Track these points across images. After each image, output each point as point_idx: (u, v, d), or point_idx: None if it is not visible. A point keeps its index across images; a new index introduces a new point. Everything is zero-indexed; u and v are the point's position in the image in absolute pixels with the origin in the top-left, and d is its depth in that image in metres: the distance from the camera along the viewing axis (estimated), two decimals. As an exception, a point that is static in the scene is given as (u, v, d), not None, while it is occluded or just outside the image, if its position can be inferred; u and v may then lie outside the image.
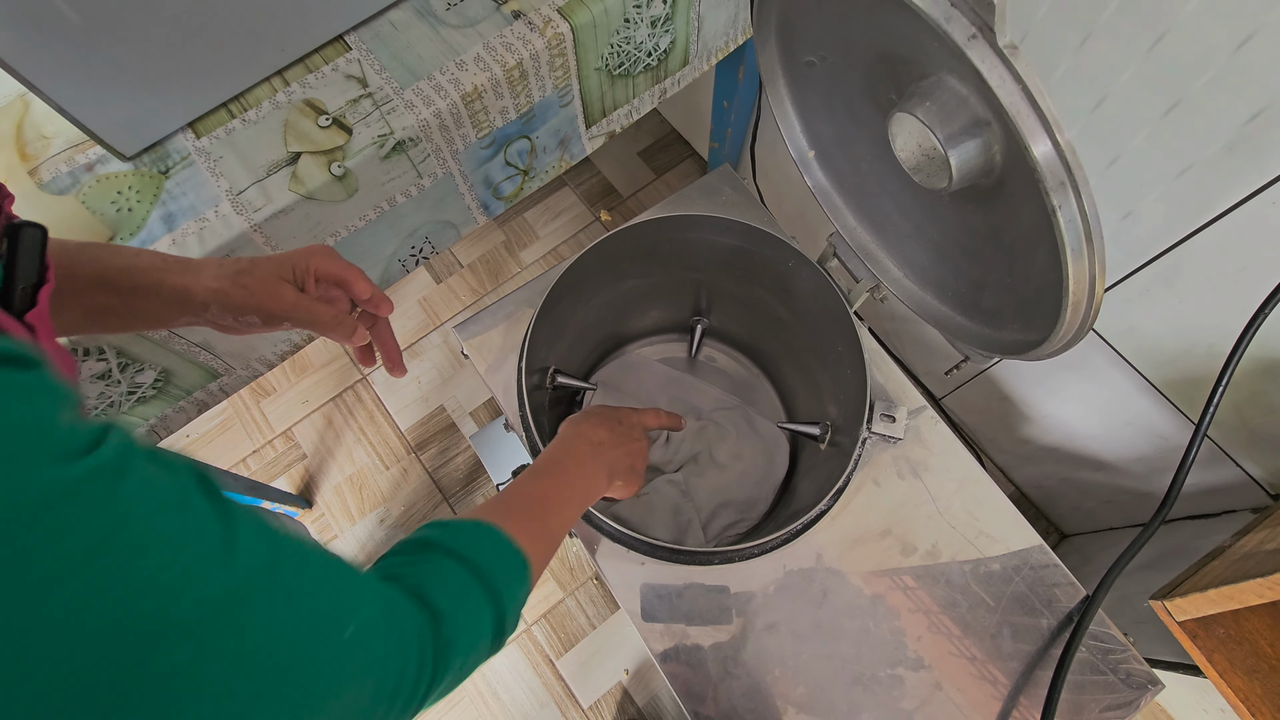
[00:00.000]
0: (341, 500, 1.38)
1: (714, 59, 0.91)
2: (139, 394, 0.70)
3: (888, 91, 0.54)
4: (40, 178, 0.65)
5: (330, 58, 0.69)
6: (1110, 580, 0.62)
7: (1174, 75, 0.65)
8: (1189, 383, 0.86)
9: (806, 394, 0.90)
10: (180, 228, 0.63)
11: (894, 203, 0.62)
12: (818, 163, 0.66)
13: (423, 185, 0.73)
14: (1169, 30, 0.63)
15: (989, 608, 0.64)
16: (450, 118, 0.68)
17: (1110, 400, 0.97)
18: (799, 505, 0.80)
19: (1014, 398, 1.15)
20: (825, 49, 0.56)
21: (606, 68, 0.77)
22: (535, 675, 1.26)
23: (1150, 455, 0.98)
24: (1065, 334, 0.42)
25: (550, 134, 0.80)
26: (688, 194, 0.82)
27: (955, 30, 0.34)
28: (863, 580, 0.65)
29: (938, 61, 0.46)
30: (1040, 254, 0.47)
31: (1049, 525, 1.32)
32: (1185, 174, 0.70)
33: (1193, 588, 0.69)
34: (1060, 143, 0.33)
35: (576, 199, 1.60)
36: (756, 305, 0.87)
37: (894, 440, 0.69)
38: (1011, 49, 0.33)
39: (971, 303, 0.58)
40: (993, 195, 0.51)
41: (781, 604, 0.64)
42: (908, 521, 0.67)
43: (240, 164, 0.65)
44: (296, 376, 1.47)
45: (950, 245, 0.58)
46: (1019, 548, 0.66)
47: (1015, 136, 0.35)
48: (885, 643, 0.62)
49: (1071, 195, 0.34)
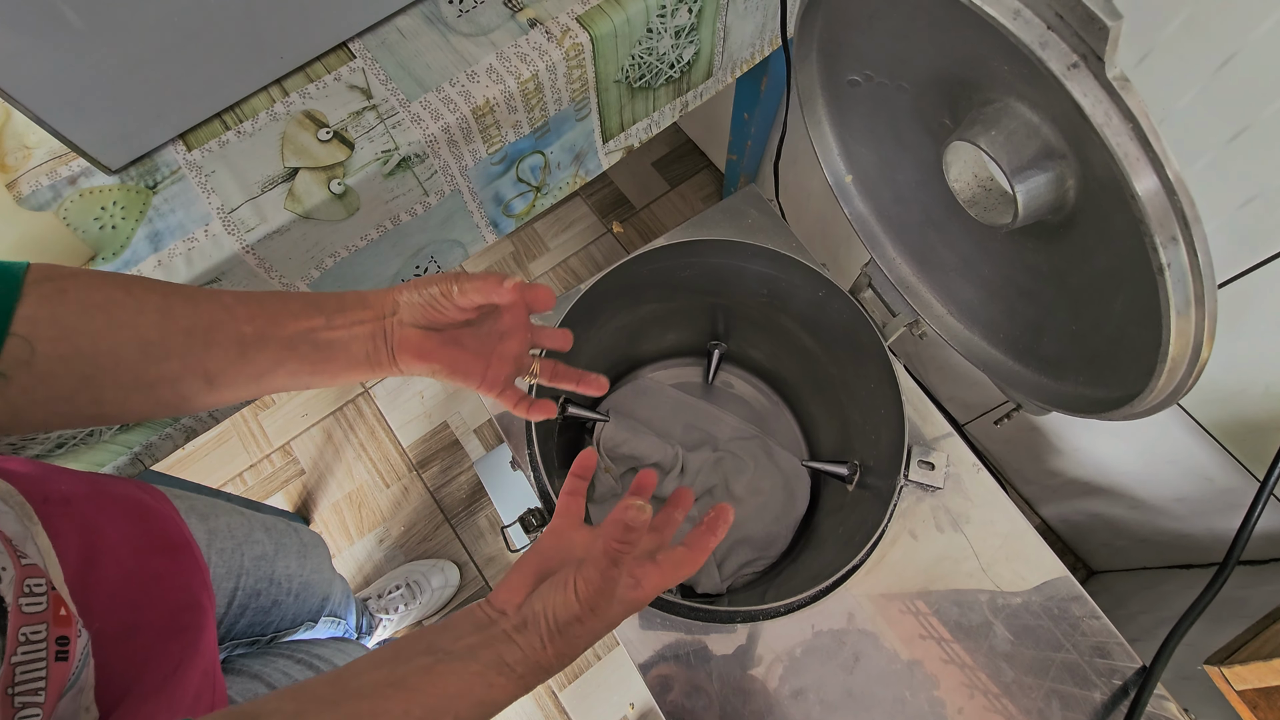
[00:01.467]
0: (340, 519, 1.33)
1: (739, 71, 0.86)
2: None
3: (941, 116, 0.49)
4: (19, 191, 0.60)
5: (333, 66, 0.64)
6: (1168, 653, 0.56)
7: (1242, 100, 0.60)
8: (1242, 424, 0.80)
9: (830, 428, 0.85)
10: (167, 248, 0.58)
11: (939, 235, 0.57)
12: (855, 189, 0.61)
13: (429, 203, 0.68)
14: (1239, 51, 0.58)
15: (1037, 675, 0.58)
16: (460, 132, 0.63)
17: (1151, 437, 0.91)
18: (822, 549, 0.75)
19: (1044, 428, 1.09)
20: (872, 68, 0.51)
21: (627, 80, 0.72)
22: (536, 706, 1.21)
23: (1192, 496, 0.93)
24: (1155, 398, 0.37)
25: (565, 149, 0.75)
26: (711, 216, 0.77)
27: (1052, 58, 0.29)
28: (899, 643, 0.60)
29: (1006, 86, 0.41)
30: (1117, 303, 0.42)
31: (1076, 561, 1.27)
32: (1249, 205, 0.65)
33: (1254, 655, 0.63)
34: (1175, 189, 0.28)
35: (588, 210, 1.55)
36: (780, 333, 0.82)
37: (932, 489, 0.64)
38: (1123, 82, 0.28)
39: (1027, 349, 0.53)
40: (1059, 233, 0.45)
41: (810, 668, 0.59)
42: (948, 578, 0.61)
43: (234, 179, 0.60)
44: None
45: (1003, 284, 0.53)
46: (1068, 610, 0.61)
47: (1109, 174, 0.30)
48: (923, 714, 0.57)
49: (1183, 250, 0.29)
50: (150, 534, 0.51)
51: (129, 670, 0.43)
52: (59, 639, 0.37)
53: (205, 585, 0.55)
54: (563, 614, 0.37)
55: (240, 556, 0.66)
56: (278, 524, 0.75)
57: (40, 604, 0.37)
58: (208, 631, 0.53)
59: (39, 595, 0.37)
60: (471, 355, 0.49)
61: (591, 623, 0.37)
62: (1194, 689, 0.77)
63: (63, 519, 0.43)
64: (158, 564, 0.50)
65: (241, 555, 0.66)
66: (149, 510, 0.52)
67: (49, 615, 0.37)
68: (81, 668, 0.40)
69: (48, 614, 0.37)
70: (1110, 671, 0.59)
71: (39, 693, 0.35)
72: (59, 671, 0.37)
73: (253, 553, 0.67)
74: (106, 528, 0.47)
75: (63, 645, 0.37)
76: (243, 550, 0.66)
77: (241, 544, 0.67)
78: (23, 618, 0.35)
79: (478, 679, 0.35)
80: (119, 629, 0.44)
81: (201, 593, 0.54)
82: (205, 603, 0.54)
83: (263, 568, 0.68)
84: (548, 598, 0.38)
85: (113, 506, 0.49)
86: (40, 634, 0.36)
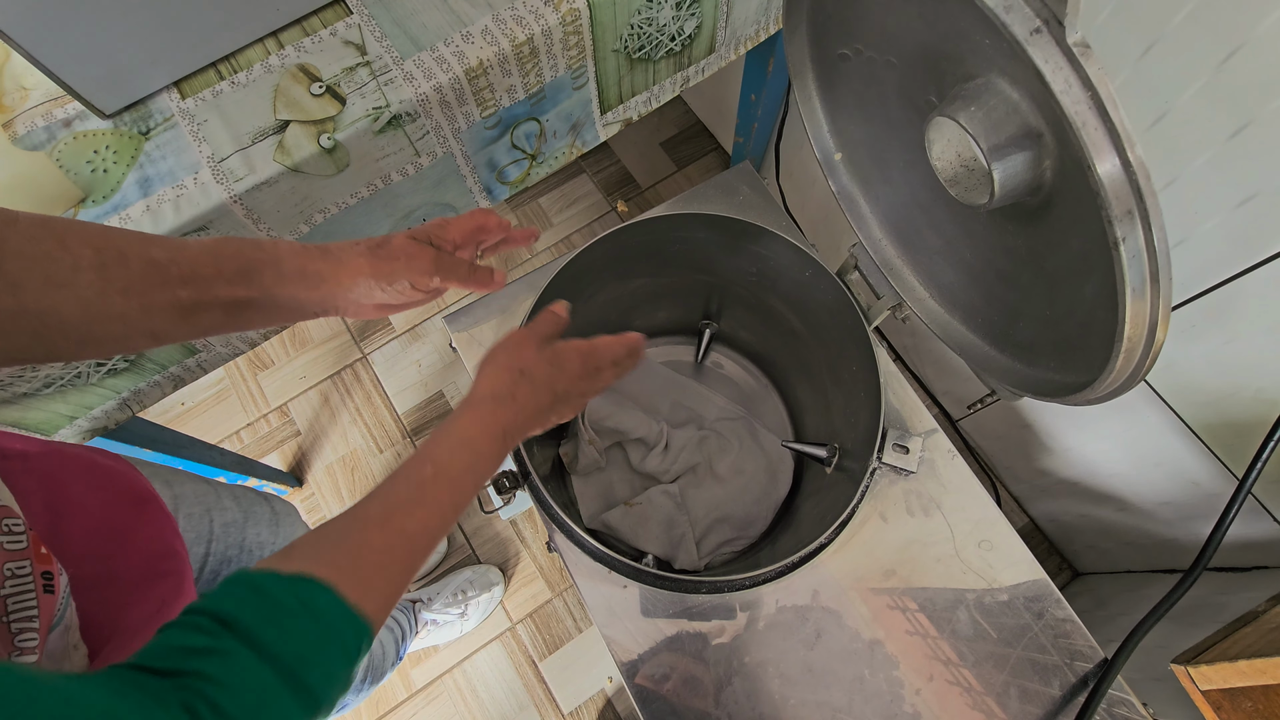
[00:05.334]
0: (333, 481, 1.35)
1: (742, 48, 0.85)
2: (109, 366, 0.66)
3: (927, 92, 0.49)
4: (14, 131, 0.61)
5: (329, 21, 0.65)
6: (1131, 647, 0.56)
7: (1245, 94, 0.59)
8: (1229, 427, 0.79)
9: (816, 411, 0.85)
10: (156, 193, 0.59)
11: (925, 216, 0.57)
12: (844, 166, 0.61)
13: (420, 164, 0.68)
14: (1244, 44, 0.57)
15: (997, 663, 0.59)
16: (452, 93, 0.63)
17: (1140, 439, 0.91)
18: (800, 531, 0.75)
19: (1036, 427, 1.08)
20: (862, 41, 0.50)
21: (625, 50, 0.72)
22: (517, 675, 1.22)
23: (1179, 500, 0.92)
24: (1113, 382, 0.37)
25: (561, 118, 0.75)
26: (703, 190, 0.77)
27: (1016, 22, 0.29)
28: (861, 623, 0.60)
29: (989, 61, 0.41)
30: (1088, 287, 0.42)
31: (1062, 562, 1.26)
32: (1248, 203, 0.64)
33: (1221, 655, 0.63)
34: (1132, 162, 0.28)
35: (593, 187, 1.55)
36: (769, 314, 0.82)
37: (906, 473, 0.64)
38: (1082, 48, 0.27)
39: (1003, 333, 0.53)
40: (1037, 216, 0.45)
41: (771, 642, 0.59)
42: (915, 562, 0.61)
43: (225, 129, 0.61)
44: (296, 351, 1.43)
45: (984, 268, 0.53)
46: (1035, 600, 0.61)
47: (1076, 151, 0.30)
48: (880, 694, 0.58)
49: (1139, 225, 0.29)
50: (113, 488, 0.51)
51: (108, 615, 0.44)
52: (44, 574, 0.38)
53: (178, 535, 0.55)
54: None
55: (209, 522, 0.65)
56: (247, 493, 0.74)
57: (21, 542, 0.38)
58: (190, 578, 0.54)
59: (19, 534, 0.38)
60: (423, 295, 0.51)
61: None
62: (1164, 690, 0.76)
63: (23, 474, 0.44)
64: (125, 515, 0.51)
65: (210, 521, 0.66)
66: (108, 468, 0.52)
67: (31, 553, 0.38)
68: (65, 606, 0.41)
69: (29, 551, 0.38)
70: (1073, 659, 0.59)
71: (33, 619, 0.36)
72: (47, 604, 0.38)
73: (221, 519, 0.67)
74: (68, 482, 0.48)
75: (48, 580, 0.38)
76: (211, 515, 0.66)
77: (210, 509, 0.66)
78: (6, 555, 0.36)
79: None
80: (93, 578, 0.45)
81: (175, 540, 0.54)
82: (181, 550, 0.55)
83: (232, 534, 0.67)
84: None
85: (71, 464, 0.49)
86: (25, 569, 0.37)
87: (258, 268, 0.44)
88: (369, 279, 0.47)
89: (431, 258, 0.49)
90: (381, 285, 0.48)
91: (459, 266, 0.51)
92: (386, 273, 0.48)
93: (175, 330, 0.42)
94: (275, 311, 0.46)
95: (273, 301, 0.45)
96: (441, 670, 1.23)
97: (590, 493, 0.91)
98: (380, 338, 1.44)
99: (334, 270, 0.46)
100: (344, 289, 0.47)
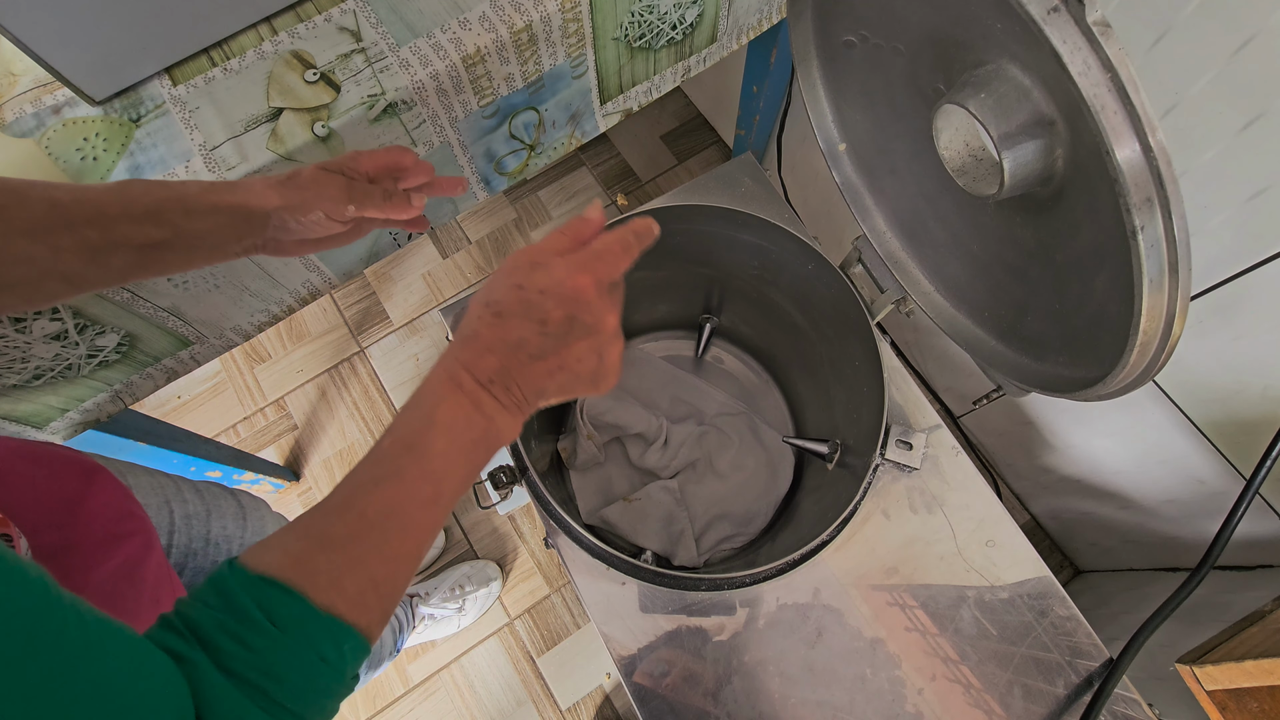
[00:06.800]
0: (330, 476, 1.34)
1: (745, 38, 0.84)
2: (100, 358, 0.65)
3: (935, 80, 0.48)
4: (3, 118, 0.60)
5: (324, 6, 0.63)
6: (1137, 646, 0.55)
7: (1258, 86, 0.58)
8: (1236, 425, 0.79)
9: (818, 407, 0.84)
10: (147, 182, 0.58)
11: (931, 208, 0.56)
12: (848, 157, 0.60)
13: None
14: (1258, 34, 0.56)
15: (1001, 663, 0.58)
16: (449, 81, 0.62)
17: (1145, 436, 0.90)
18: (800, 528, 0.74)
19: (1038, 423, 1.08)
20: (868, 27, 0.49)
21: (626, 39, 0.71)
22: (514, 671, 1.22)
23: (1184, 499, 0.91)
24: (1126, 377, 0.36)
25: (560, 107, 0.74)
26: (704, 182, 0.76)
27: (1032, 1, 0.28)
28: (863, 621, 0.59)
29: (1000, 46, 0.40)
30: (1099, 280, 0.41)
31: (1063, 559, 1.25)
32: (1258, 197, 0.63)
33: (1227, 655, 0.62)
34: (1153, 147, 0.27)
35: (593, 180, 1.53)
36: (771, 308, 0.81)
37: (909, 469, 0.63)
38: (1103, 26, 0.26)
39: (1010, 328, 0.52)
40: (1048, 207, 0.44)
41: (772, 640, 0.58)
42: (918, 560, 0.61)
43: (217, 116, 0.60)
44: (293, 344, 1.42)
45: (991, 261, 0.52)
46: (1040, 599, 0.60)
47: (1092, 137, 0.29)
48: (882, 693, 0.57)
49: (1158, 213, 0.28)
50: (55, 464, 0.51)
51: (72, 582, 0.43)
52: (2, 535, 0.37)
53: (134, 500, 0.55)
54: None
55: (169, 514, 0.64)
56: (210, 487, 0.73)
57: None
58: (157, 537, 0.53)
59: None
60: (340, 226, 0.51)
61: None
62: (1168, 690, 0.76)
63: None
64: (73, 485, 0.50)
65: (170, 513, 0.65)
66: (47, 449, 0.52)
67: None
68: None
69: None
70: (1077, 662, 0.58)
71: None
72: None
73: (182, 510, 0.66)
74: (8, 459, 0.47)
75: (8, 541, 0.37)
76: (171, 507, 0.65)
77: (169, 500, 0.65)
78: None
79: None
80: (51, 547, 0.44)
81: (132, 505, 0.54)
82: (140, 512, 0.54)
83: (195, 526, 0.66)
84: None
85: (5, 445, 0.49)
86: None
87: (165, 206, 0.43)
88: (281, 210, 0.46)
89: (343, 185, 0.48)
90: (296, 217, 0.47)
91: (373, 192, 0.50)
92: (298, 203, 0.47)
93: (88, 272, 0.41)
94: (192, 252, 0.45)
95: (186, 241, 0.44)
96: (439, 666, 1.22)
97: (589, 488, 0.90)
98: (378, 331, 1.43)
99: (243, 202, 0.45)
100: (257, 223, 0.46)
